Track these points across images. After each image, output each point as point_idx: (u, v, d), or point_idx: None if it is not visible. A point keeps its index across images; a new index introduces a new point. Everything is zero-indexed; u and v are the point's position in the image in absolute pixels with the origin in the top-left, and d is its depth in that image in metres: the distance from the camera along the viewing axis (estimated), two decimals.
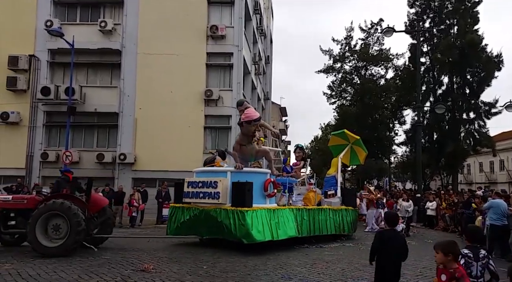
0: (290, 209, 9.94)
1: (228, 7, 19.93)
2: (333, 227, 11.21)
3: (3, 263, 7.11)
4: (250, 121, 9.26)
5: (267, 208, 9.17)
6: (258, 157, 10.12)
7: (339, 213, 11.57)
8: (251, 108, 9.69)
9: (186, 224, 9.62)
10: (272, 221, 9.03)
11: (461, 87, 29.36)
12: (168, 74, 18.71)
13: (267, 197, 9.51)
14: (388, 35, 20.73)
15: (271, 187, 9.56)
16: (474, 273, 3.73)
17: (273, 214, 9.17)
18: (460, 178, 37.65)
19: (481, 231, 4.62)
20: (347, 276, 6.79)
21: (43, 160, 18.52)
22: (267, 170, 10.02)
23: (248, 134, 9.51)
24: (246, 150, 9.67)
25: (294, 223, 9.76)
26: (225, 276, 6.50)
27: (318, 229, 10.73)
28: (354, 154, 13.38)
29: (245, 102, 10.15)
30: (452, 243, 3.49)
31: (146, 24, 19.22)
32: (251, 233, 8.40)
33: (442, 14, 29.76)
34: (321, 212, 10.98)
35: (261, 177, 9.57)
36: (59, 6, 20.01)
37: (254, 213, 8.62)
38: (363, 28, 35.55)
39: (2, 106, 18.60)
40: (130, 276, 6.30)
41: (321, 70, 36.93)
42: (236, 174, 9.27)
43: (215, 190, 8.96)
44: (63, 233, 7.89)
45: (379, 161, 35.48)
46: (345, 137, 13.32)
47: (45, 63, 19.31)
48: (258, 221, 8.64)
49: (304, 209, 10.43)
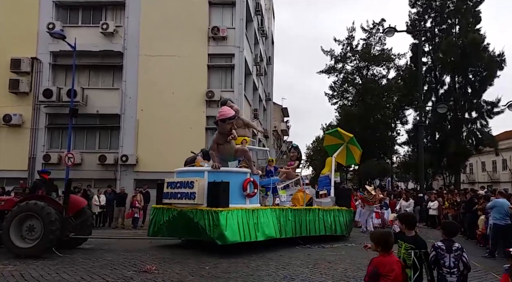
0: (272, 210, 9.68)
1: (230, 8, 19.95)
2: (322, 228, 10.92)
3: (6, 264, 7.14)
4: (224, 120, 9.04)
5: (246, 208, 8.93)
6: (237, 156, 9.84)
7: (330, 213, 11.26)
8: (225, 107, 9.47)
9: (166, 225, 9.52)
10: (250, 222, 8.80)
11: (463, 87, 29.30)
12: (169, 75, 18.74)
13: (247, 197, 9.28)
14: (390, 35, 20.72)
15: (251, 187, 9.32)
16: (447, 264, 4.08)
17: (251, 214, 8.92)
18: (462, 177, 37.59)
19: (457, 226, 4.94)
20: (350, 276, 6.77)
21: (45, 161, 18.56)
22: (246, 170, 9.68)
23: (224, 133, 9.23)
24: (224, 149, 9.44)
25: (277, 224, 9.53)
26: (227, 276, 6.51)
27: (306, 230, 10.46)
28: (350, 153, 13.11)
29: (228, 101, 10.12)
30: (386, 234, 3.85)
31: (148, 26, 19.26)
32: (224, 234, 8.19)
33: (443, 14, 29.73)
34: (309, 213, 10.70)
35: (240, 176, 9.33)
36: (61, 9, 20.07)
37: (229, 214, 8.40)
38: (364, 28, 35.60)
39: (4, 108, 18.66)
40: (133, 277, 6.31)
41: (322, 71, 36.99)
42: (214, 173, 9.04)
43: (191, 190, 8.78)
44: (37, 234, 7.93)
45: (381, 161, 35.47)
46: (340, 136, 13.06)
47: (47, 65, 19.36)
48: (233, 221, 8.43)
49: (289, 209, 10.15)
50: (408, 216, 4.69)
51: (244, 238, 8.59)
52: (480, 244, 11.34)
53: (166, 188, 9.57)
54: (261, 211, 9.26)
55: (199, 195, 8.67)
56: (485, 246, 10.59)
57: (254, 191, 9.39)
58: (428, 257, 4.08)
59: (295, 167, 12.67)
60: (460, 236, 13.52)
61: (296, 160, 12.72)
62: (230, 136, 9.21)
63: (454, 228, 4.51)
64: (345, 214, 11.77)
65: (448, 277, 4.03)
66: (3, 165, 18.09)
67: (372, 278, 3.54)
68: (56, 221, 7.91)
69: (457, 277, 4.02)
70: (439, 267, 4.10)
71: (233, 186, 8.88)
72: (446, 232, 4.32)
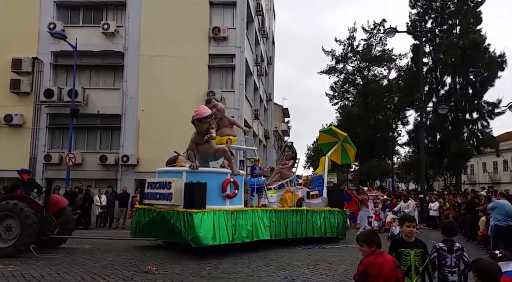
0: (254, 211, 9.38)
1: (230, 8, 19.96)
2: (311, 230, 10.61)
3: (7, 264, 7.14)
4: (200, 119, 8.82)
5: (224, 209, 8.67)
6: (217, 156, 9.50)
7: (320, 214, 10.89)
8: (202, 106, 9.28)
9: (146, 226, 9.40)
10: (228, 223, 8.56)
11: (464, 88, 29.31)
12: (170, 75, 18.74)
13: (227, 198, 9.00)
14: (391, 35, 20.71)
15: (231, 188, 9.06)
16: (448, 263, 4.08)
17: (230, 216, 8.66)
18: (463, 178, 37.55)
19: (456, 225, 4.99)
20: (350, 277, 6.75)
21: (46, 162, 18.58)
22: (226, 170, 9.32)
23: (201, 132, 8.98)
24: (202, 149, 9.16)
25: (259, 225, 9.24)
26: (227, 277, 6.50)
27: (292, 232, 10.19)
28: (345, 152, 12.74)
29: (213, 100, 10.00)
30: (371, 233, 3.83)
31: (149, 26, 19.27)
32: (198, 236, 7.98)
33: (444, 14, 29.74)
34: (296, 214, 10.41)
35: (219, 177, 9.05)
36: (62, 9, 20.10)
37: (204, 215, 8.16)
38: (365, 29, 35.58)
39: (5, 108, 18.68)
40: (133, 277, 6.32)
41: (323, 71, 36.99)
42: (192, 174, 8.79)
43: (169, 191, 8.59)
44: (15, 234, 7.96)
45: (382, 161, 35.48)
46: (334, 135, 12.73)
47: (48, 65, 19.38)
48: (209, 223, 8.18)
49: (273, 211, 9.89)
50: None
51: (220, 240, 8.33)
52: (481, 245, 11.32)
53: (146, 188, 9.44)
54: (241, 212, 8.96)
55: (176, 196, 8.45)
56: (486, 247, 10.57)
57: (234, 191, 9.09)
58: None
59: (290, 166, 12.43)
60: (461, 237, 13.50)
61: (290, 159, 12.47)
62: (206, 136, 8.93)
63: (454, 228, 4.51)
64: (338, 216, 11.31)
65: (450, 277, 4.05)
66: (4, 165, 18.07)
67: (362, 278, 3.53)
68: (33, 220, 7.93)
69: (458, 276, 4.05)
70: (440, 267, 4.11)
71: (212, 186, 8.64)
72: (446, 232, 4.31)
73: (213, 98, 10.14)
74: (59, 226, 8.97)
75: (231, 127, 10.32)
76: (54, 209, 8.84)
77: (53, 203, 8.83)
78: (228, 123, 10.29)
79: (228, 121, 10.29)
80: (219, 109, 10.05)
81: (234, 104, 19.03)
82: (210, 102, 9.96)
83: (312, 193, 11.52)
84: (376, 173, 34.11)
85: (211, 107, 9.81)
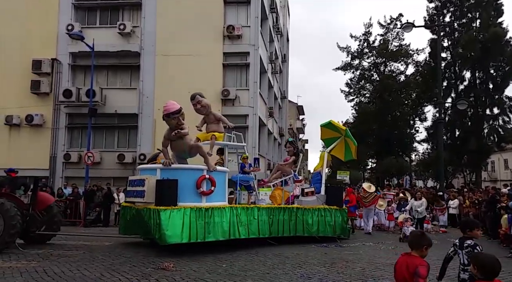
0: (232, 208, 9.07)
1: (245, 6, 19.95)
2: (301, 228, 10.22)
3: (30, 260, 7.36)
4: (168, 115, 8.63)
5: (198, 206, 8.47)
6: (192, 153, 9.19)
7: (313, 213, 10.45)
8: (170, 101, 9.04)
9: (129, 223, 9.46)
10: (200, 221, 8.36)
11: (484, 82, 28.61)
12: (185, 74, 18.87)
13: (202, 195, 8.75)
14: (408, 30, 20.27)
15: (206, 184, 8.79)
16: (461, 260, 4.11)
17: (204, 213, 8.45)
18: (484, 175, 36.69)
19: (465, 222, 4.83)
20: (368, 275, 6.70)
21: (65, 160, 19.00)
22: (202, 166, 9.00)
23: (172, 128, 8.77)
24: (176, 145, 8.96)
25: (238, 223, 8.99)
26: (244, 274, 6.53)
27: (277, 230, 9.86)
28: (348, 147, 12.10)
29: (197, 96, 9.67)
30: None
31: (164, 26, 19.44)
32: (164, 234, 7.87)
33: (463, 8, 29.04)
34: (284, 212, 10.07)
35: (193, 173, 8.79)
36: (79, 10, 20.46)
37: (173, 212, 8.02)
38: (382, 24, 35.05)
39: (26, 109, 19.16)
40: (151, 274, 6.41)
41: (339, 68, 36.62)
42: (166, 171, 8.63)
43: (142, 188, 8.53)
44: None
45: (400, 158, 34.95)
46: (336, 129, 12.09)
47: (67, 66, 19.78)
48: (177, 221, 8.02)
49: (255, 208, 9.56)
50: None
51: (190, 238, 8.19)
52: (503, 244, 11.04)
53: (128, 185, 9.50)
54: (218, 210, 8.74)
55: (148, 193, 8.35)
56: (509, 246, 10.30)
57: (211, 188, 8.83)
58: None
59: (291, 162, 12.00)
60: (482, 235, 13.21)
61: (292, 155, 12.03)
62: (173, 132, 8.72)
63: (463, 223, 4.53)
64: (336, 214, 10.76)
65: (461, 274, 4.05)
66: (26, 164, 18.55)
67: None
68: (16, 217, 8.14)
69: (469, 274, 3.93)
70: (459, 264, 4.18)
71: (186, 183, 8.50)
72: (461, 227, 4.39)
73: (198, 94, 9.73)
74: (46, 223, 9.23)
75: (218, 124, 9.94)
76: (41, 206, 9.14)
77: (40, 201, 9.15)
78: (214, 119, 9.92)
79: (214, 117, 9.93)
80: (203, 106, 9.71)
81: (248, 102, 19.06)
82: (194, 98, 9.66)
83: (307, 190, 10.99)
84: (393, 170, 33.60)
85: (195, 103, 9.58)
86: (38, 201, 9.11)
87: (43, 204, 9.22)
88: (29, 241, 8.96)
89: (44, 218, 9.18)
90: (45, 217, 9.19)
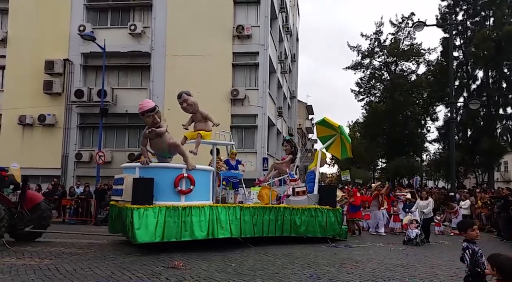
0: (212, 207, 8.88)
1: (254, 6, 19.96)
2: (288, 229, 9.93)
3: (43, 258, 7.48)
4: (143, 113, 8.59)
5: (175, 205, 8.34)
6: (171, 151, 9.09)
7: (302, 212, 10.12)
8: (146, 99, 9.02)
9: (114, 222, 9.50)
10: (176, 220, 8.25)
11: (497, 82, 28.20)
12: (195, 75, 18.96)
13: (181, 194, 8.59)
14: (419, 29, 20.06)
15: (185, 183, 8.65)
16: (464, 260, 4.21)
17: (181, 212, 8.33)
18: (496, 175, 36.12)
19: (463, 223, 4.83)
20: (378, 276, 6.65)
21: (77, 160, 19.25)
22: (181, 165, 8.88)
23: (148, 126, 8.69)
24: (154, 144, 8.89)
25: (217, 223, 8.79)
26: (253, 274, 6.53)
27: (262, 230, 9.60)
28: (344, 145, 11.68)
29: (183, 94, 9.58)
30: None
31: (174, 26, 19.56)
32: (135, 233, 7.82)
33: (476, 6, 28.67)
34: (270, 212, 9.79)
35: (171, 172, 8.68)
36: (91, 11, 20.71)
37: (148, 211, 7.96)
38: (393, 23, 34.74)
39: (39, 109, 19.47)
40: (161, 273, 6.45)
41: (349, 67, 36.40)
42: (144, 169, 8.59)
43: (121, 187, 8.57)
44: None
45: (411, 159, 34.62)
46: (330, 127, 11.63)
47: (79, 66, 20.05)
48: (151, 220, 7.97)
49: (237, 207, 9.32)
50: (504, 261, 3.26)
51: (163, 237, 8.12)
52: None
53: (113, 184, 9.58)
54: (195, 209, 8.57)
55: (126, 192, 8.38)
56: None
57: (190, 187, 8.67)
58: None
59: (288, 161, 11.68)
60: (495, 236, 13.02)
61: (289, 153, 11.71)
62: (147, 131, 8.62)
63: (458, 225, 4.65)
64: (328, 214, 10.36)
65: (465, 273, 4.20)
66: (38, 163, 18.88)
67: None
68: (3, 220, 8.31)
69: (465, 274, 4.14)
70: None
71: (163, 182, 8.44)
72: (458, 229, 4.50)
73: (184, 93, 9.63)
74: (35, 221, 9.37)
75: (206, 122, 9.81)
76: (29, 205, 9.31)
77: (28, 199, 9.33)
78: (201, 117, 9.78)
79: (201, 115, 9.78)
80: (189, 104, 9.57)
81: (258, 102, 19.07)
82: (180, 96, 9.58)
83: (298, 189, 10.62)
84: (404, 170, 33.28)
85: (181, 101, 9.54)
86: (27, 199, 9.33)
87: (31, 202, 9.40)
88: (18, 238, 9.18)
89: (33, 216, 9.34)
90: (33, 215, 9.35)
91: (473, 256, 4.05)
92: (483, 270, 3.95)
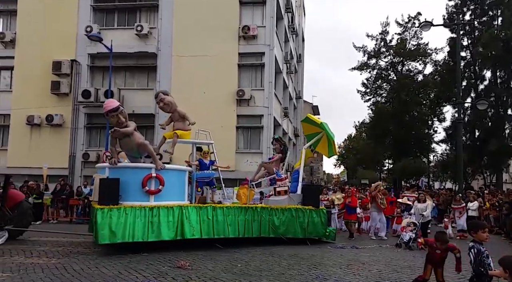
0: (182, 207, 8.72)
1: (260, 6, 19.97)
2: (266, 229, 9.69)
3: (51, 257, 7.55)
4: (106, 113, 8.57)
5: (143, 205, 8.31)
6: (141, 151, 8.98)
7: (281, 212, 9.84)
8: (110, 99, 9.03)
9: (91, 222, 9.32)
10: (143, 220, 8.20)
11: (506, 82, 27.91)
12: (201, 75, 19.02)
13: (149, 194, 8.53)
14: (426, 29, 19.95)
15: (154, 183, 8.58)
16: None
17: (147, 212, 8.29)
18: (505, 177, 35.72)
19: (474, 224, 4.77)
20: (384, 278, 6.62)
21: (84, 160, 19.39)
22: (150, 165, 8.80)
23: (114, 126, 8.64)
24: (124, 144, 8.80)
25: (187, 223, 8.67)
26: (259, 274, 6.53)
27: (237, 231, 9.34)
28: (330, 143, 11.27)
29: (160, 94, 9.51)
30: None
31: (180, 27, 19.63)
32: (98, 233, 7.79)
33: (484, 6, 28.40)
34: (246, 212, 9.55)
35: (140, 172, 8.61)
36: (98, 12, 20.86)
37: (110, 212, 7.93)
38: (399, 23, 34.53)
39: (47, 109, 19.65)
40: (167, 272, 6.47)
41: (355, 68, 36.25)
42: (113, 170, 8.59)
43: (92, 187, 8.66)
44: None
45: (417, 160, 34.39)
46: (315, 124, 11.28)
47: (86, 67, 20.19)
48: (115, 220, 7.93)
49: (209, 207, 9.13)
50: None
51: (129, 237, 8.07)
52: None
53: (90, 184, 9.66)
54: (164, 209, 8.48)
55: (95, 192, 8.43)
56: None
57: (158, 187, 8.61)
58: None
59: (277, 160, 11.40)
60: (504, 238, 12.89)
61: (279, 152, 11.45)
62: (110, 131, 8.59)
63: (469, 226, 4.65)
64: (310, 215, 9.99)
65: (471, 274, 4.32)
66: (46, 163, 19.02)
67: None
68: None
69: (471, 274, 4.25)
70: None
71: (131, 182, 8.41)
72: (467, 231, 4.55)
73: (161, 92, 9.57)
74: (16, 219, 9.46)
75: (184, 121, 9.71)
76: (10, 203, 9.42)
77: (9, 197, 9.46)
78: (179, 117, 9.68)
79: (179, 115, 9.68)
80: (166, 103, 9.47)
81: (263, 102, 19.07)
82: (157, 96, 9.54)
83: (279, 189, 10.34)
84: (411, 171, 33.07)
85: (158, 101, 9.48)
86: (8, 198, 9.45)
87: (12, 201, 9.50)
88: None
89: (14, 214, 9.44)
90: (15, 214, 9.45)
91: (477, 256, 4.08)
92: (487, 270, 3.98)
